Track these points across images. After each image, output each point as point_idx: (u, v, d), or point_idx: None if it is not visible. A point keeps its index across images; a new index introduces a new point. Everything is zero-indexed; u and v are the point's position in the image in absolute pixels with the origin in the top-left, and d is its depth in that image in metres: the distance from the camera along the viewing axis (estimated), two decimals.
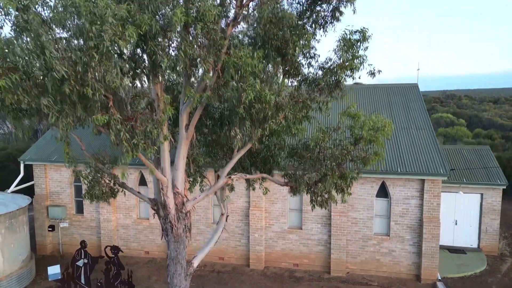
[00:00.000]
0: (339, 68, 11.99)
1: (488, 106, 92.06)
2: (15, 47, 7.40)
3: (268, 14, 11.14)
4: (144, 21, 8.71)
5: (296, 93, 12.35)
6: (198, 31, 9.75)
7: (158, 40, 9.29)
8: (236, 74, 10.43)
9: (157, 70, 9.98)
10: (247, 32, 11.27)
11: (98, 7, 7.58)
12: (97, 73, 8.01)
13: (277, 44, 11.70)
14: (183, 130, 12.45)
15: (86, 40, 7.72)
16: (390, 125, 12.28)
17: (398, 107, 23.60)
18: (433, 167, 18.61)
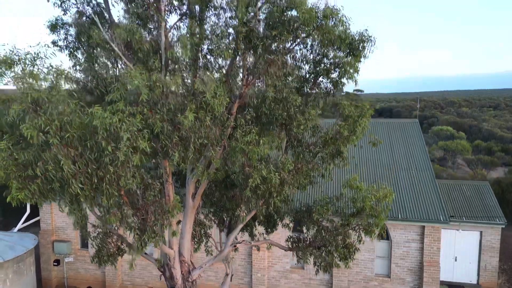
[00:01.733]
0: (340, 143, 12.37)
1: (488, 115, 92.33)
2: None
3: (272, 95, 11.50)
4: (157, 124, 9.07)
5: (299, 162, 12.69)
6: (207, 122, 10.10)
7: (168, 135, 9.63)
8: (243, 157, 10.79)
9: (167, 158, 10.32)
10: (252, 114, 11.60)
11: (113, 122, 7.92)
12: (112, 181, 8.35)
13: (281, 121, 12.06)
14: (190, 199, 12.81)
15: (102, 156, 8.07)
16: (391, 194, 12.63)
17: (398, 144, 23.94)
18: (434, 213, 18.96)
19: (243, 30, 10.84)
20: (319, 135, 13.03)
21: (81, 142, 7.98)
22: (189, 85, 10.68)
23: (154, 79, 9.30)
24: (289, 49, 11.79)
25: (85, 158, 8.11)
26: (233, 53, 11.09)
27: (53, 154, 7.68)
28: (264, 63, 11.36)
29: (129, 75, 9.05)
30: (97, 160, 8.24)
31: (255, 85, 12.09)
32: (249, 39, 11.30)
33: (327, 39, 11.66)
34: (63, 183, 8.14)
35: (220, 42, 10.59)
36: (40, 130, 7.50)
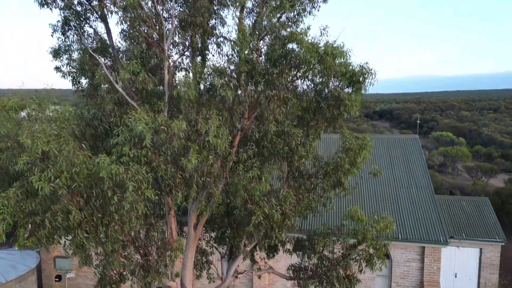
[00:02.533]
0: (341, 174, 12.51)
1: (488, 119, 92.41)
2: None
3: (274, 129, 11.63)
4: (161, 168, 9.21)
5: (300, 193, 12.83)
6: (210, 161, 10.23)
7: (172, 175, 9.76)
8: (245, 193, 10.93)
9: (170, 196, 10.46)
10: (254, 149, 11.73)
11: (119, 173, 8.04)
12: (117, 226, 8.49)
13: (283, 154, 12.20)
14: (192, 229, 12.94)
15: (107, 203, 8.20)
16: (392, 225, 12.77)
17: (398, 160, 24.07)
18: (434, 234, 19.09)
19: (245, 69, 10.97)
20: (319, 165, 13.17)
21: (87, 189, 8.11)
22: (192, 122, 10.78)
23: (159, 121, 9.44)
24: (291, 82, 11.91)
25: (91, 205, 8.25)
26: (236, 89, 11.21)
27: (62, 205, 7.81)
28: (266, 98, 11.51)
29: (133, 119, 9.19)
30: (102, 207, 8.37)
31: (257, 118, 12.21)
32: (251, 75, 11.44)
33: (327, 75, 11.80)
34: (69, 231, 8.27)
35: (223, 80, 10.73)
36: (49, 182, 7.63)
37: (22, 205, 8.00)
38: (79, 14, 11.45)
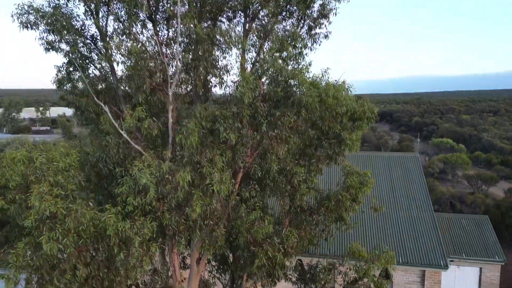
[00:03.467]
0: (343, 211, 12.68)
1: (488, 123, 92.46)
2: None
3: (276, 168, 11.79)
4: (165, 217, 9.38)
5: (302, 230, 12.98)
6: (213, 205, 10.40)
7: (175, 222, 9.93)
8: (248, 235, 11.10)
9: (173, 239, 10.63)
10: (257, 188, 11.88)
11: (125, 229, 8.21)
12: (122, 280, 8.66)
13: (285, 193, 12.38)
14: (194, 264, 13.10)
15: (112, 256, 8.36)
16: (393, 259, 12.95)
17: (398, 180, 24.21)
18: (434, 258, 19.25)
19: (248, 113, 11.12)
20: (321, 198, 13.33)
21: (93, 244, 8.28)
22: (196, 166, 10.92)
23: (164, 170, 9.60)
24: (293, 121, 12.05)
25: (97, 261, 8.42)
26: (238, 131, 11.36)
27: (71, 264, 7.98)
28: (268, 138, 11.66)
29: (137, 169, 9.35)
30: (108, 259, 8.54)
31: (259, 155, 12.37)
32: (253, 116, 11.59)
33: (328, 116, 11.97)
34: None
35: (226, 124, 10.87)
36: (57, 241, 7.79)
37: (30, 262, 8.16)
38: (84, 56, 11.60)
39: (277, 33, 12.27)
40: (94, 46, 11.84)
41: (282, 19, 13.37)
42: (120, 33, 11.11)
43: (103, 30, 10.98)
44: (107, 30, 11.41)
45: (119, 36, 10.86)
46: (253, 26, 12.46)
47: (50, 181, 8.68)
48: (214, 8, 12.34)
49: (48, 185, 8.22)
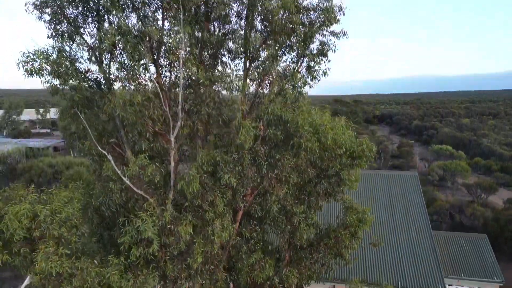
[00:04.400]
0: (342, 248, 12.87)
1: (487, 128, 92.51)
2: None
3: (276, 209, 11.97)
4: (168, 268, 9.57)
5: (303, 268, 13.17)
6: (214, 250, 10.58)
7: (178, 270, 10.12)
8: (248, 278, 11.29)
9: (175, 284, 10.80)
10: (258, 230, 12.07)
11: (129, 286, 8.38)
12: None
13: (285, 231, 12.55)
14: None
15: None
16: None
17: (397, 198, 24.36)
18: (432, 282, 19.43)
19: (249, 157, 11.29)
20: (320, 234, 13.51)
21: None
22: (197, 211, 11.09)
23: (166, 219, 9.78)
24: (292, 164, 12.22)
25: None
26: (239, 174, 11.53)
27: None
28: (268, 180, 11.83)
29: (141, 220, 9.53)
30: None
31: (259, 194, 12.55)
32: (254, 159, 11.76)
33: (328, 157, 12.14)
34: None
35: (226, 168, 11.04)
36: None
37: None
38: (89, 99, 11.74)
39: (277, 73, 12.40)
40: (98, 89, 11.99)
41: (282, 54, 13.54)
42: (124, 77, 11.24)
43: (107, 75, 11.14)
44: (110, 73, 11.56)
45: (122, 81, 10.99)
46: (253, 65, 12.62)
47: (55, 235, 8.84)
48: (215, 49, 12.52)
49: (53, 244, 8.38)
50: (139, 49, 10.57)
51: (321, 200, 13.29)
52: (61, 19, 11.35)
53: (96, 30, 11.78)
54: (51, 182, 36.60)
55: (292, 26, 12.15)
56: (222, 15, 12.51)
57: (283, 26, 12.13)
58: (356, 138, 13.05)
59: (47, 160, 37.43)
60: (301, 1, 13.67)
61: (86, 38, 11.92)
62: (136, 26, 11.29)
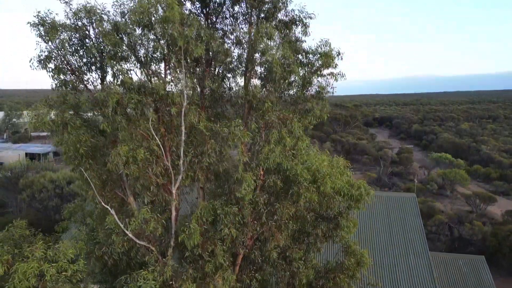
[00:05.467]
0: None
1: (486, 135, 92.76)
2: None
3: (276, 256, 12.22)
4: None
5: None
6: None
7: None
8: None
9: None
10: (258, 277, 12.32)
11: None
12: None
13: (284, 276, 12.80)
14: None
15: None
16: None
17: (396, 222, 24.60)
18: None
19: (250, 208, 11.55)
20: (319, 275, 13.75)
21: None
22: (197, 258, 11.34)
23: (168, 275, 10.04)
24: (292, 213, 12.46)
25: None
26: (239, 223, 11.77)
27: None
28: (268, 227, 12.09)
29: (142, 280, 9.78)
30: None
31: (258, 239, 12.79)
32: (253, 207, 12.01)
33: (327, 203, 12.40)
34: None
35: (226, 220, 11.28)
36: None
37: None
38: (93, 149, 11.99)
39: (276, 121, 12.62)
40: (102, 136, 12.23)
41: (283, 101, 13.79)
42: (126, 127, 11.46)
43: (111, 128, 11.38)
44: (115, 121, 11.78)
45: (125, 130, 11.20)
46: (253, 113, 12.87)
47: None
48: (216, 96, 12.80)
49: None
50: (142, 103, 10.83)
51: (320, 242, 13.53)
52: (66, 70, 11.60)
53: (100, 80, 12.05)
54: (52, 197, 36.89)
55: (291, 74, 12.41)
56: (224, 62, 12.79)
57: (282, 76, 12.37)
58: (353, 184, 13.25)
59: (48, 175, 37.67)
60: (300, 43, 13.96)
61: (90, 87, 12.21)
62: (139, 74, 11.59)
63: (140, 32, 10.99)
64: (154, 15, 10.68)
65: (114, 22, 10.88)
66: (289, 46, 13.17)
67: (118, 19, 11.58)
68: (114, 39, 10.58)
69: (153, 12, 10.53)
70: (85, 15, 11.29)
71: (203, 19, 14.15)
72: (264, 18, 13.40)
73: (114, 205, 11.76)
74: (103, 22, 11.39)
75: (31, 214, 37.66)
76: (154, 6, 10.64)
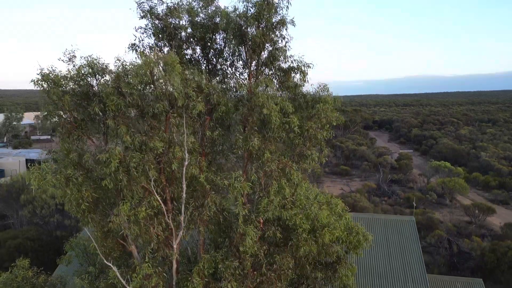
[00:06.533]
0: None
1: (485, 141, 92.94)
2: None
3: None
4: None
5: None
6: None
7: None
8: None
9: None
10: None
11: None
12: None
13: None
14: None
15: None
16: None
17: (394, 245, 24.80)
18: None
19: (250, 260, 11.75)
20: None
21: None
22: None
23: None
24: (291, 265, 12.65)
25: None
26: (240, 275, 11.97)
27: None
28: (267, 277, 12.28)
29: None
30: None
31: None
32: (254, 258, 12.21)
33: (325, 251, 12.60)
34: None
35: (227, 273, 11.50)
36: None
37: None
38: (98, 199, 12.19)
39: (276, 171, 12.81)
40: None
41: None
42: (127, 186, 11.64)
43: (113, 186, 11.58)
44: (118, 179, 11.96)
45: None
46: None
47: None
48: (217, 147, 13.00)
49: None
50: (144, 161, 11.02)
51: (319, 286, 13.74)
52: (71, 132, 11.80)
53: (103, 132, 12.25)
54: (53, 213, 37.09)
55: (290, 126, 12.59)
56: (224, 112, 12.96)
57: (281, 125, 12.57)
58: (352, 229, 13.45)
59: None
60: (299, 88, 14.15)
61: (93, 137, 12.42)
62: (141, 129, 11.78)
63: (141, 89, 11.17)
64: (156, 74, 10.86)
65: (117, 84, 11.02)
66: (288, 95, 13.41)
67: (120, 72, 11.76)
68: (116, 100, 10.75)
69: (155, 72, 10.71)
70: (88, 71, 11.50)
71: (203, 63, 14.38)
72: (263, 64, 13.59)
73: (115, 256, 11.95)
74: (106, 75, 11.61)
75: (32, 229, 37.87)
76: (156, 65, 10.82)
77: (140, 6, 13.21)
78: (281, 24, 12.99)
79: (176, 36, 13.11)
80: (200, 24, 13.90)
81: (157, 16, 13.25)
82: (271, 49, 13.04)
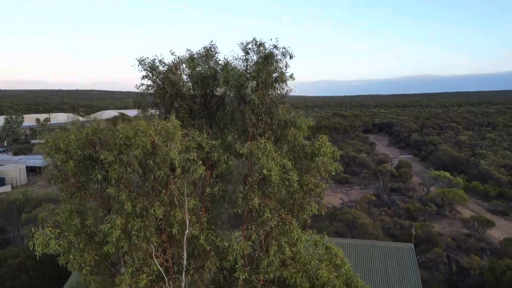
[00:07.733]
0: None
1: (485, 148, 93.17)
2: None
3: None
4: None
5: None
6: None
7: None
8: None
9: None
10: None
11: None
12: None
13: None
14: None
15: None
16: None
17: (393, 273, 24.99)
18: None
19: None
20: None
21: None
22: None
23: None
24: None
25: None
26: None
27: None
28: None
29: None
30: None
31: None
32: None
33: None
34: None
35: None
36: None
37: None
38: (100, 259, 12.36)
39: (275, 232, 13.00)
40: None
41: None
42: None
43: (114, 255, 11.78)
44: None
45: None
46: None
47: None
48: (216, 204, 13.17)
49: None
50: (145, 227, 11.20)
51: None
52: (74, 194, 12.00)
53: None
54: None
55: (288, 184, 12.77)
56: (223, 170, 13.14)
57: (281, 182, 12.74)
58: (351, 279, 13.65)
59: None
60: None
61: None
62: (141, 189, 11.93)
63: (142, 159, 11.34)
64: (158, 144, 11.02)
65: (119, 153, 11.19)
66: (287, 148, 13.58)
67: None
68: (118, 169, 10.93)
69: (157, 143, 10.88)
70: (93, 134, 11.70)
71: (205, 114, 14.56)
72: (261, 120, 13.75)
73: None
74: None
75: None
76: (158, 133, 10.99)
77: (142, 63, 13.38)
78: (279, 82, 13.17)
79: (178, 95, 13.29)
80: (201, 75, 14.08)
81: (159, 73, 13.42)
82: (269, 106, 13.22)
